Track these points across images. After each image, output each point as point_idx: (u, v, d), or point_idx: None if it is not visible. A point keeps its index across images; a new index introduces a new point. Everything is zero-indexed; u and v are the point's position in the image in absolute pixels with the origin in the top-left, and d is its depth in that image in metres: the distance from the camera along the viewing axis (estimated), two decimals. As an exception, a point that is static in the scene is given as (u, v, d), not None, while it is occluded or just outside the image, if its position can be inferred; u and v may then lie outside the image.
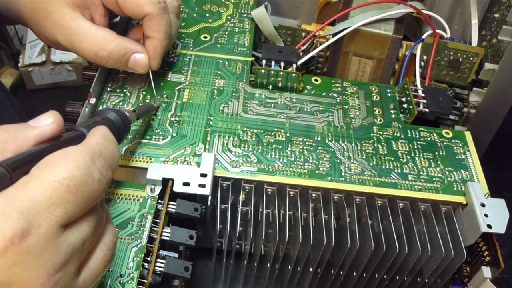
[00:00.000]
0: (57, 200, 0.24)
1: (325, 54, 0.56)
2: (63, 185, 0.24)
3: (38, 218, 0.23)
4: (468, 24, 0.58)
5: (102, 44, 0.41)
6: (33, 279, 0.23)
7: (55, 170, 0.24)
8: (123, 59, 0.42)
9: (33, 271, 0.23)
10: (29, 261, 0.23)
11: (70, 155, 0.25)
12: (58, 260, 0.24)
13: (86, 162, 0.25)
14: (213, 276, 0.47)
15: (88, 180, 0.25)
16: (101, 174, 0.26)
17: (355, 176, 0.42)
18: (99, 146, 0.28)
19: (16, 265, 0.22)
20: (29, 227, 0.23)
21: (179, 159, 0.41)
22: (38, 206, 0.23)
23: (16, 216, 0.22)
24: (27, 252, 0.23)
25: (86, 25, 0.41)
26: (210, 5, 0.57)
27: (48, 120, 0.27)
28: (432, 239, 0.40)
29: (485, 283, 0.40)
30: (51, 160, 0.25)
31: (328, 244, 0.39)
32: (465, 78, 0.54)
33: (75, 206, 0.25)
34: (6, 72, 0.69)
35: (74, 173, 0.25)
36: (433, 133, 0.47)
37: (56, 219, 0.24)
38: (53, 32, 0.41)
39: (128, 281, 0.34)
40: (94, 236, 0.27)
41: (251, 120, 0.45)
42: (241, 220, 0.42)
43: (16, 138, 0.25)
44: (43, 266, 0.23)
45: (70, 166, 0.25)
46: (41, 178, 0.24)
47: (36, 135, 0.26)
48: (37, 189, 0.23)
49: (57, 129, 0.27)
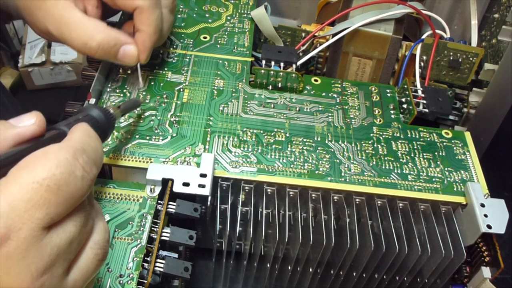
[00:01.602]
0: (38, 202, 0.23)
1: (324, 55, 0.56)
2: (42, 185, 0.23)
3: (18, 222, 0.22)
4: (468, 24, 0.58)
5: (92, 34, 0.40)
6: (15, 284, 0.23)
7: (35, 170, 0.23)
8: (112, 50, 0.42)
9: (15, 276, 0.22)
10: (11, 266, 0.22)
11: (50, 153, 0.24)
12: (42, 263, 0.23)
13: (67, 159, 0.25)
14: (213, 276, 0.47)
15: (70, 178, 0.24)
16: (84, 171, 0.25)
17: (355, 177, 0.42)
18: (81, 143, 0.27)
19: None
20: (8, 232, 0.22)
21: (179, 160, 0.41)
22: (17, 210, 0.22)
23: None
24: (8, 257, 0.22)
25: (77, 15, 0.40)
26: (210, 5, 0.57)
27: (30, 120, 0.26)
28: (432, 239, 0.40)
29: (485, 283, 0.40)
30: (30, 160, 0.24)
31: (328, 244, 0.39)
32: (464, 78, 0.54)
33: (58, 206, 0.24)
34: (6, 72, 0.69)
35: (54, 172, 0.24)
36: (432, 134, 0.47)
37: (37, 221, 0.23)
38: (44, 21, 0.41)
39: (128, 281, 0.34)
40: (82, 235, 0.26)
41: (251, 120, 0.45)
42: (241, 221, 0.42)
43: None
44: (26, 270, 0.23)
45: (50, 165, 0.24)
46: (19, 180, 0.23)
47: (15, 135, 0.26)
48: (15, 192, 0.23)
49: (38, 131, 0.27)
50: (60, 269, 0.25)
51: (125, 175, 0.41)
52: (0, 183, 0.23)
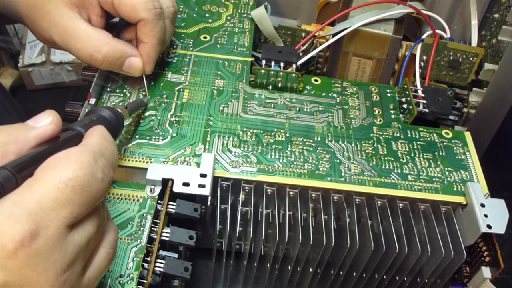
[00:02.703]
0: (63, 201, 0.24)
1: (325, 55, 0.56)
2: (68, 186, 0.24)
3: (45, 220, 0.23)
4: (468, 24, 0.58)
5: (97, 46, 0.41)
6: (42, 280, 0.23)
7: (60, 171, 0.24)
8: (118, 62, 0.42)
9: (42, 272, 0.23)
10: (39, 263, 0.23)
11: (72, 155, 0.25)
12: (66, 260, 0.24)
13: (89, 162, 0.26)
14: (213, 276, 0.47)
15: (92, 180, 0.25)
16: (103, 174, 0.26)
17: (355, 177, 0.42)
18: (100, 146, 0.28)
19: (26, 267, 0.23)
20: (37, 229, 0.23)
21: (179, 160, 0.41)
22: (45, 208, 0.23)
23: (25, 218, 0.23)
24: (36, 253, 0.23)
25: (82, 26, 0.41)
26: (210, 5, 0.57)
27: (47, 119, 0.27)
28: (432, 239, 0.40)
29: (485, 284, 0.40)
30: (54, 161, 0.25)
31: (328, 244, 0.39)
32: (464, 78, 0.54)
33: (81, 206, 0.25)
34: (6, 72, 0.69)
35: (78, 173, 0.25)
36: (433, 134, 0.47)
37: (63, 220, 0.24)
38: (49, 31, 0.41)
39: (127, 282, 0.34)
40: (98, 235, 0.27)
41: (251, 120, 0.45)
42: (241, 221, 0.42)
43: (17, 139, 0.25)
44: (52, 266, 0.23)
45: (74, 166, 0.25)
46: (46, 180, 0.24)
47: (36, 135, 0.26)
48: (43, 191, 0.23)
49: (57, 130, 0.27)
50: (80, 267, 0.25)
51: (125, 175, 0.41)
52: (26, 183, 0.24)
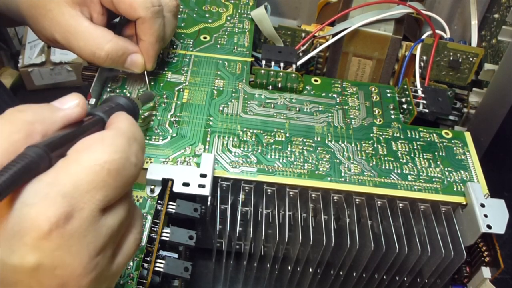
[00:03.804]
0: (99, 184, 0.24)
1: (324, 55, 0.56)
2: (104, 168, 0.24)
3: (80, 202, 0.23)
4: (467, 24, 0.58)
5: (100, 43, 0.41)
6: (75, 262, 0.23)
7: (95, 153, 0.24)
8: (120, 59, 0.42)
9: (76, 255, 0.23)
10: (72, 245, 0.23)
11: (107, 139, 0.25)
12: (99, 243, 0.24)
13: (124, 146, 0.25)
14: (213, 277, 0.47)
15: (126, 164, 0.25)
16: (137, 158, 0.26)
17: (354, 177, 0.42)
18: (131, 131, 0.27)
19: (60, 249, 0.22)
20: (72, 211, 0.23)
21: (179, 160, 0.41)
22: (80, 190, 0.23)
23: (60, 200, 0.22)
24: (71, 235, 0.23)
25: (85, 24, 0.41)
26: (209, 5, 0.57)
27: (73, 102, 0.27)
28: (431, 239, 0.40)
29: (485, 284, 0.40)
30: (88, 143, 0.25)
31: (328, 244, 0.39)
32: (464, 78, 0.54)
33: (115, 190, 0.24)
34: (6, 72, 0.69)
35: (113, 157, 0.24)
36: (432, 134, 0.47)
37: (97, 203, 0.24)
38: (51, 29, 0.41)
39: (127, 282, 0.34)
40: (127, 220, 0.27)
41: (250, 120, 0.45)
42: (240, 221, 0.42)
43: (44, 120, 0.25)
44: (85, 249, 0.23)
45: (110, 150, 0.24)
46: (81, 162, 0.24)
47: (63, 117, 0.26)
48: (78, 172, 0.23)
49: (83, 113, 0.27)
50: (110, 251, 0.25)
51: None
52: (60, 164, 0.23)
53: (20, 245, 0.22)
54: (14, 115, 0.24)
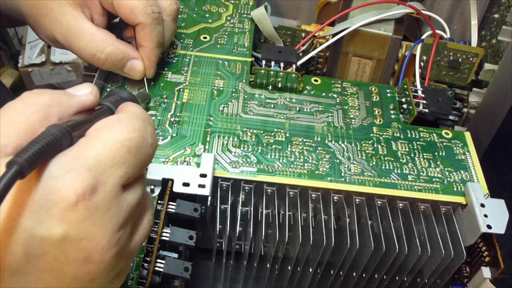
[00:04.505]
0: (120, 160, 0.24)
1: (324, 55, 0.56)
2: (124, 145, 0.24)
3: (103, 176, 0.23)
4: (467, 24, 0.58)
5: (101, 46, 0.41)
6: (100, 235, 0.23)
7: (115, 131, 0.24)
8: (120, 63, 0.43)
9: (100, 227, 0.23)
10: (97, 217, 0.23)
11: (125, 119, 0.25)
12: (120, 218, 0.24)
13: (140, 126, 0.26)
14: (213, 276, 0.47)
15: (144, 143, 0.25)
16: (152, 139, 0.26)
17: (354, 177, 0.42)
18: (141, 113, 0.27)
19: (85, 220, 0.23)
20: (97, 184, 0.23)
21: (179, 160, 0.41)
22: (103, 165, 0.23)
23: (85, 173, 0.23)
24: (96, 207, 0.23)
25: (86, 25, 0.41)
26: (209, 5, 0.57)
27: (87, 89, 0.27)
28: (431, 239, 0.40)
29: (485, 284, 0.40)
30: (107, 123, 0.25)
31: (328, 244, 0.39)
32: (464, 78, 0.54)
33: (134, 167, 0.25)
34: (6, 72, 0.69)
35: (132, 135, 0.25)
36: (432, 134, 0.47)
37: (118, 178, 0.24)
38: (51, 29, 0.41)
39: (127, 282, 0.34)
40: (143, 200, 0.27)
41: (250, 120, 0.45)
42: (240, 221, 0.42)
43: (60, 103, 0.25)
44: (109, 222, 0.24)
45: (128, 129, 0.25)
46: (102, 139, 0.24)
47: (77, 103, 0.26)
48: (101, 148, 0.24)
49: (96, 101, 0.27)
50: (129, 228, 0.26)
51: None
52: (82, 141, 0.24)
53: (47, 216, 0.22)
54: (32, 97, 0.24)
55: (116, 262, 0.25)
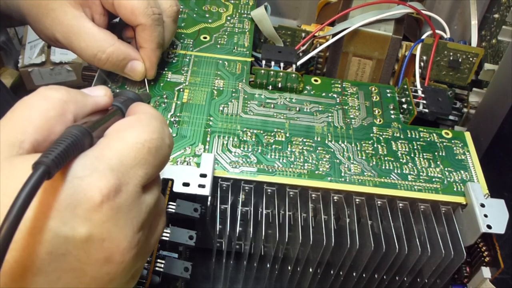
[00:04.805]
0: (141, 161, 0.24)
1: (324, 55, 0.56)
2: (145, 146, 0.24)
3: (126, 177, 0.23)
4: (467, 24, 0.58)
5: (102, 46, 0.41)
6: (122, 236, 0.23)
7: (135, 132, 0.25)
8: (121, 64, 0.43)
9: (122, 228, 0.23)
10: (120, 218, 0.23)
11: (144, 120, 0.26)
12: (141, 219, 0.24)
13: (159, 127, 0.26)
14: (213, 276, 0.47)
15: (162, 144, 0.26)
16: (170, 140, 0.27)
17: (354, 177, 0.42)
18: (157, 114, 0.27)
19: (109, 221, 0.22)
20: (120, 184, 0.23)
21: (179, 160, 0.41)
22: (125, 165, 0.23)
23: (109, 173, 0.23)
24: (119, 208, 0.23)
25: (88, 25, 0.41)
26: (209, 5, 0.57)
27: (101, 91, 0.28)
28: (431, 239, 0.40)
29: (485, 284, 0.40)
30: (127, 123, 0.25)
31: (328, 244, 0.39)
32: (464, 78, 0.54)
33: (154, 168, 0.25)
34: (6, 72, 0.69)
35: (152, 136, 0.25)
36: (432, 134, 0.47)
37: (140, 179, 0.24)
38: (52, 29, 0.41)
39: (127, 282, 0.34)
40: (159, 201, 0.27)
41: (250, 120, 0.45)
42: (240, 221, 0.42)
43: (76, 101, 0.25)
44: (130, 223, 0.24)
45: (148, 129, 0.25)
46: (123, 139, 0.24)
47: (93, 103, 0.26)
48: (122, 148, 0.24)
49: (110, 102, 0.28)
50: (147, 230, 0.26)
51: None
52: (103, 141, 0.24)
53: (72, 216, 0.22)
54: (49, 93, 0.25)
55: (135, 263, 0.25)
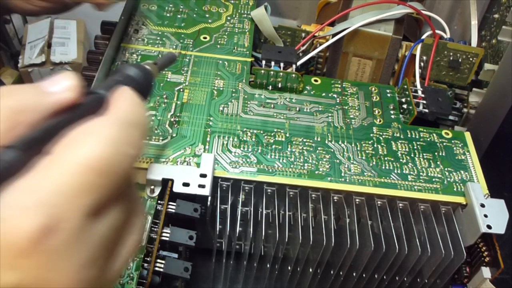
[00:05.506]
0: (87, 187, 0.20)
1: (324, 55, 0.56)
2: (94, 168, 0.20)
3: (64, 211, 0.19)
4: (467, 24, 0.58)
5: None
6: (62, 279, 0.20)
7: (82, 149, 0.20)
8: None
9: (62, 271, 0.20)
10: (57, 260, 0.20)
11: (97, 129, 0.21)
12: (88, 254, 0.21)
13: (115, 137, 0.21)
14: (213, 276, 0.47)
15: (121, 158, 0.21)
16: (133, 148, 0.22)
17: (354, 177, 0.42)
18: (128, 114, 0.23)
19: (42, 267, 0.19)
20: (56, 223, 0.19)
21: (179, 160, 0.41)
22: (64, 196, 0.19)
23: (39, 210, 0.19)
24: (54, 251, 0.19)
25: None
26: (209, 5, 0.57)
27: (65, 83, 0.22)
28: (431, 239, 0.40)
29: (485, 284, 0.40)
30: (75, 137, 0.21)
31: (328, 244, 0.39)
32: (464, 78, 0.54)
33: (107, 190, 0.21)
34: (6, 72, 0.69)
35: (104, 151, 0.20)
36: (432, 134, 0.47)
37: (84, 209, 0.20)
38: None
39: (127, 282, 0.34)
40: (124, 221, 0.23)
41: (250, 120, 0.45)
42: (240, 221, 0.42)
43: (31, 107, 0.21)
44: (71, 265, 0.20)
45: (98, 143, 0.20)
46: (66, 161, 0.20)
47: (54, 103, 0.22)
48: (62, 175, 0.19)
49: (75, 98, 0.22)
50: (103, 260, 0.22)
51: (125, 175, 0.41)
52: (43, 164, 0.20)
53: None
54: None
55: None
